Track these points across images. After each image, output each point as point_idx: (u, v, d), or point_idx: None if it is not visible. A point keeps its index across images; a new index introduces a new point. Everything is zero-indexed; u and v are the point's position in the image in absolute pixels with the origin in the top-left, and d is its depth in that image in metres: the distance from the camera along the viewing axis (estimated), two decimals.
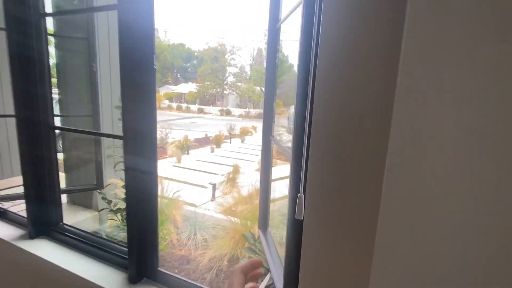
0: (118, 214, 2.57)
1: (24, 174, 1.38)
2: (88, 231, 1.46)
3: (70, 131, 2.38)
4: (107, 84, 2.18)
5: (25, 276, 1.44)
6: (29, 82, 1.32)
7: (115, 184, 2.67)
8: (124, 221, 2.52)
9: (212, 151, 10.80)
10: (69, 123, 2.36)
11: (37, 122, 1.36)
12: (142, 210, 1.12)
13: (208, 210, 4.65)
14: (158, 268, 1.16)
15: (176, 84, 39.53)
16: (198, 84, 34.68)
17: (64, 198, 2.88)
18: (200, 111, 29.06)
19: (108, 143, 2.53)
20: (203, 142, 12.33)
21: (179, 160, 8.79)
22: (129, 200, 1.09)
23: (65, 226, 1.49)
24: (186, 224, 3.69)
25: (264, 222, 1.47)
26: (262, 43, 40.04)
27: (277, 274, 1.04)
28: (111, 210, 2.48)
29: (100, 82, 2.02)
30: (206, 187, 6.15)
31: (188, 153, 10.04)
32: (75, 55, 2.19)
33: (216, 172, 7.24)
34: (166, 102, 32.15)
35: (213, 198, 5.61)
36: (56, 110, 2.31)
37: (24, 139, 1.35)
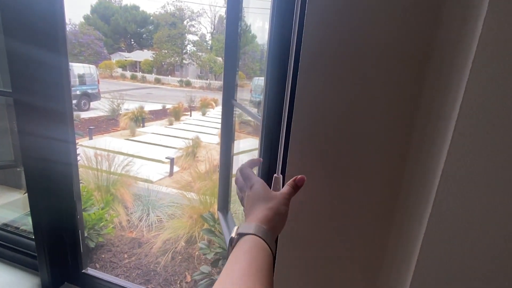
0: None
1: None
2: None
3: None
4: None
5: None
6: None
7: None
8: None
9: (171, 123, 10.18)
10: None
11: None
12: (52, 192, 0.82)
13: (165, 187, 4.33)
14: (84, 270, 0.89)
15: (130, 51, 36.29)
16: (154, 52, 32.09)
17: None
18: (157, 81, 27.23)
19: None
20: (160, 114, 11.58)
21: (133, 133, 8.13)
22: (30, 182, 0.77)
23: None
24: (138, 203, 3.35)
25: (224, 203, 1.25)
26: (223, 9, 37.96)
27: None
28: None
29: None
30: (163, 162, 5.76)
31: (143, 126, 9.35)
32: None
33: (175, 146, 6.81)
34: (119, 70, 29.53)
35: (171, 173, 5.27)
36: None
37: None
